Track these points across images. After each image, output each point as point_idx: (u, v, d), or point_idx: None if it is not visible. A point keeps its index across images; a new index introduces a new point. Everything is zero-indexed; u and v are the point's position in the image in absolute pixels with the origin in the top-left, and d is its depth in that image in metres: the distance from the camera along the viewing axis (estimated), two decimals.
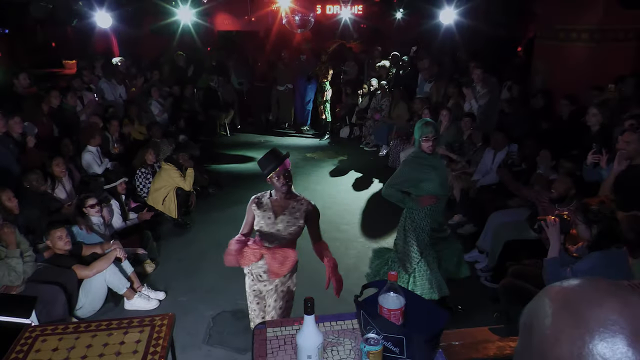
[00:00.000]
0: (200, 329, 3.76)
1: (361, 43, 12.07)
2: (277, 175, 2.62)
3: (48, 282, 3.55)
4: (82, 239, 4.17)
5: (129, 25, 9.72)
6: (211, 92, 9.53)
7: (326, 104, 9.45)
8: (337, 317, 2.19)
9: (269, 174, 2.63)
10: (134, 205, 5.47)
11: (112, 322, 2.47)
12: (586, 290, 0.69)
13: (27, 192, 4.37)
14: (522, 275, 3.47)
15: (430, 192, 3.36)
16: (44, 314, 3.35)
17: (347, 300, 3.27)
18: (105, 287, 3.89)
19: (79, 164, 5.75)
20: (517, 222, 4.37)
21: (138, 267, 4.41)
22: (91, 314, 3.87)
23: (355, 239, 5.31)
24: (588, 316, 0.65)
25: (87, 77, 7.44)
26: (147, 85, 8.37)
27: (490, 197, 5.07)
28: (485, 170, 5.45)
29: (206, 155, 7.80)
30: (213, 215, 5.87)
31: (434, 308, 2.02)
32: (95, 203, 4.42)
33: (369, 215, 5.93)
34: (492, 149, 5.43)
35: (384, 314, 1.85)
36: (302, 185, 6.82)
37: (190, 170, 5.66)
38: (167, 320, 2.49)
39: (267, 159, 2.66)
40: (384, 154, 8.28)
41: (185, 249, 5.11)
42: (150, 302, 4.07)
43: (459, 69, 8.50)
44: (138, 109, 7.56)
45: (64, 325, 2.49)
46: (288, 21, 9.43)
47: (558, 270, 2.87)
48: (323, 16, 11.81)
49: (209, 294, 4.23)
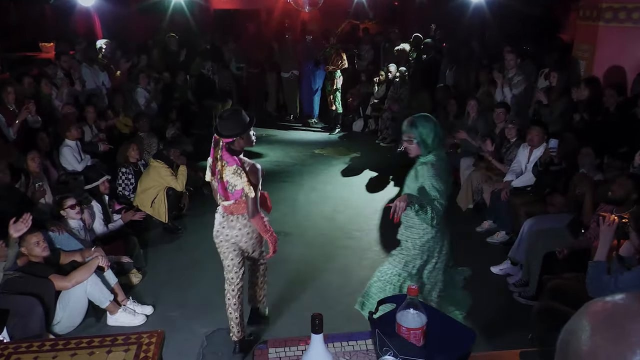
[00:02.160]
0: (192, 348, 3.78)
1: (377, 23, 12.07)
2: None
3: (22, 293, 3.59)
4: (60, 245, 4.21)
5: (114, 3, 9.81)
6: (205, 80, 9.58)
7: (337, 93, 9.45)
8: (348, 337, 2.20)
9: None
10: (118, 208, 5.52)
11: (93, 340, 2.50)
12: (629, 304, 0.70)
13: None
14: (561, 292, 3.45)
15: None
16: (18, 329, 3.39)
17: (361, 318, 3.29)
18: (86, 300, 3.93)
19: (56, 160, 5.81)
20: (556, 229, 4.34)
21: (123, 277, 4.44)
22: (70, 330, 3.91)
23: (369, 248, 5.31)
24: (630, 330, 0.66)
25: (67, 62, 7.51)
26: (134, 72, 8.43)
27: (525, 201, 5.04)
28: (519, 170, 5.42)
29: (200, 150, 7.83)
30: (207, 220, 5.85)
31: (459, 327, 2.02)
32: (75, 204, 4.46)
33: (385, 221, 5.93)
34: (527, 145, 5.40)
35: (402, 333, 1.86)
36: (309, 186, 6.84)
37: (183, 168, 5.70)
38: (156, 338, 2.51)
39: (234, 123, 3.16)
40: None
41: (176, 258, 5.15)
42: (137, 317, 4.10)
43: (489, 54, 8.47)
44: (123, 99, 7.62)
45: (40, 342, 2.52)
46: None
47: (602, 277, 2.86)
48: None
49: (202, 309, 4.25)
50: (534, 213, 4.76)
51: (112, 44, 8.92)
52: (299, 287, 4.58)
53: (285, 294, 4.46)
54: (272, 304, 4.27)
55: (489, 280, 4.70)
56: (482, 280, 4.70)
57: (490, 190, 5.59)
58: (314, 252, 5.20)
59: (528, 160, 5.38)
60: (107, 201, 5.25)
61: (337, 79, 9.35)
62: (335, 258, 5.10)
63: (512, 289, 4.49)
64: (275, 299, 4.36)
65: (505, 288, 4.52)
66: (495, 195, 5.45)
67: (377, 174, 7.46)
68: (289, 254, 5.00)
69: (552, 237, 4.29)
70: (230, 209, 3.38)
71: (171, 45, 9.74)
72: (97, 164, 5.94)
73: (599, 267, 2.93)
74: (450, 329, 1.97)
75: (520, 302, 4.31)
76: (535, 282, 4.17)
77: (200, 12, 11.94)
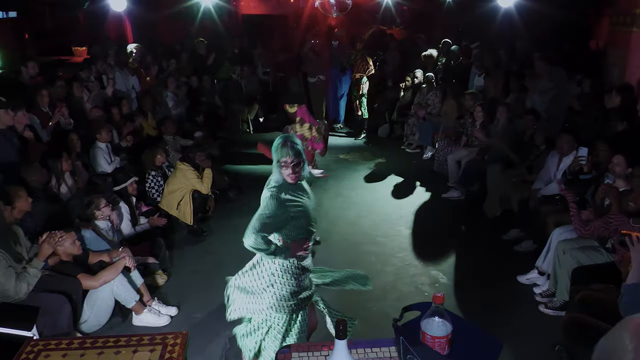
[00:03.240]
0: (215, 350, 3.80)
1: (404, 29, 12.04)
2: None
3: (52, 291, 3.67)
4: (89, 245, 4.30)
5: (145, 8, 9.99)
6: (233, 84, 9.69)
7: (362, 99, 9.45)
8: (372, 343, 2.19)
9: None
10: (145, 209, 5.60)
11: (120, 339, 2.54)
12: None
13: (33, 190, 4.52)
14: (590, 304, 3.37)
15: (300, 232, 2.92)
16: (48, 326, 3.47)
17: (385, 325, 3.27)
18: (113, 300, 4.00)
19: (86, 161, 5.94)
20: (585, 239, 4.25)
21: (148, 278, 4.50)
22: (96, 329, 3.98)
23: (393, 254, 5.28)
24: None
25: (101, 67, 7.69)
26: (163, 76, 8.58)
27: (554, 209, 4.95)
28: (548, 178, 5.33)
29: (226, 154, 7.92)
30: (233, 223, 5.95)
31: (485, 337, 1.99)
32: (106, 205, 4.56)
33: (409, 227, 5.90)
34: (557, 153, 5.31)
35: (427, 341, 1.84)
36: (334, 191, 6.85)
37: (208, 171, 5.76)
38: (181, 339, 2.54)
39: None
40: (429, 156, 8.21)
41: (201, 260, 5.20)
42: (161, 317, 4.15)
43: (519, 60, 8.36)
44: (152, 102, 7.76)
45: (69, 340, 2.57)
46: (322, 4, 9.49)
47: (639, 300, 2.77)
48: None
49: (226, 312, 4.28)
50: (562, 222, 4.67)
51: (142, 48, 9.10)
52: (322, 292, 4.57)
53: None
54: None
55: (516, 289, 4.62)
56: (509, 289, 4.64)
57: (518, 198, 5.50)
58: (338, 257, 5.18)
59: (557, 169, 5.29)
60: (134, 203, 5.34)
61: (362, 84, 9.35)
62: (359, 263, 5.07)
63: (539, 299, 4.41)
64: None
65: (532, 298, 4.44)
66: (523, 203, 5.36)
67: (402, 179, 7.42)
68: (313, 258, 4.99)
69: (580, 247, 4.20)
70: None
71: (199, 50, 9.88)
72: (126, 165, 6.06)
73: (636, 290, 2.83)
74: (476, 337, 1.94)
75: (548, 313, 4.22)
76: (563, 294, 4.09)
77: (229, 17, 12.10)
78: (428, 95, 8.56)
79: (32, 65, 6.80)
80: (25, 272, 3.55)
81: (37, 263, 3.63)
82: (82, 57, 10.44)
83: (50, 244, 3.68)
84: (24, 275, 3.53)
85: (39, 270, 3.63)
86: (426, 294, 4.54)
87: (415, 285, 4.71)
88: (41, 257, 3.66)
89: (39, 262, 3.64)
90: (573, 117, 6.18)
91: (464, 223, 6.05)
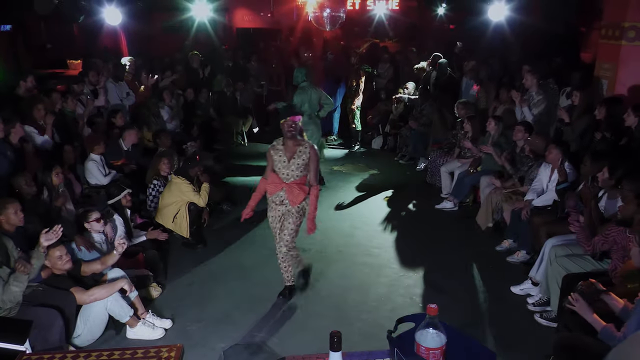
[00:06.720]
0: None
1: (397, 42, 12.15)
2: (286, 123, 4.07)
3: (44, 305, 3.63)
4: (81, 256, 4.27)
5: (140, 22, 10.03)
6: (227, 97, 9.71)
7: (356, 111, 9.50)
8: (367, 355, 2.18)
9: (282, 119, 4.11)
10: (139, 222, 5.58)
11: (113, 353, 2.52)
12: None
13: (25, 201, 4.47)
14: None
15: None
16: (40, 340, 3.43)
17: (379, 336, 3.26)
18: (106, 315, 3.96)
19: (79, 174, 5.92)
20: (578, 250, 4.27)
21: (142, 290, 4.47)
22: (90, 343, 3.94)
23: (387, 265, 5.28)
24: None
25: (94, 78, 7.67)
26: (159, 88, 8.58)
27: (546, 220, 4.97)
28: (540, 189, 5.36)
29: (221, 166, 7.91)
30: (226, 235, 5.94)
31: (480, 348, 1.99)
32: (99, 217, 4.53)
33: (403, 238, 5.90)
34: (548, 164, 5.35)
35: (421, 353, 1.84)
36: (328, 203, 6.84)
37: (206, 185, 5.72)
38: (175, 352, 2.52)
39: (285, 110, 4.27)
40: (422, 167, 8.24)
41: (196, 272, 5.17)
42: (155, 330, 4.12)
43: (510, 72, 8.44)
44: (147, 114, 7.75)
45: (62, 354, 2.55)
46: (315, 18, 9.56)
47: (614, 339, 2.82)
48: (355, 11, 11.95)
49: (221, 324, 4.26)
50: (555, 233, 4.69)
51: (135, 61, 9.11)
52: (317, 303, 4.57)
53: (302, 310, 4.45)
54: (290, 320, 4.28)
55: (509, 300, 4.63)
56: (502, 300, 4.64)
57: (510, 209, 5.52)
58: (332, 268, 5.18)
59: (549, 180, 5.32)
60: (129, 215, 5.31)
61: (357, 96, 9.39)
62: (353, 275, 5.07)
63: (532, 308, 4.42)
64: (293, 315, 4.35)
65: (525, 308, 4.44)
66: (515, 214, 5.38)
67: (395, 191, 7.43)
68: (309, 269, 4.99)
69: (572, 257, 4.22)
70: None
71: (193, 63, 9.91)
72: (120, 178, 6.03)
73: (606, 334, 2.90)
74: (470, 349, 1.94)
75: (542, 323, 4.23)
76: (556, 304, 4.09)
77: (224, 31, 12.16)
78: (422, 106, 8.61)
79: (30, 79, 6.82)
80: (11, 280, 3.52)
81: (19, 276, 3.58)
82: (77, 70, 10.44)
83: (47, 238, 3.65)
84: (8, 285, 3.50)
85: (24, 284, 3.57)
86: (420, 305, 4.54)
87: (410, 296, 4.70)
88: (42, 249, 3.65)
89: (20, 275, 3.59)
90: (563, 128, 6.23)
91: (457, 234, 6.06)
